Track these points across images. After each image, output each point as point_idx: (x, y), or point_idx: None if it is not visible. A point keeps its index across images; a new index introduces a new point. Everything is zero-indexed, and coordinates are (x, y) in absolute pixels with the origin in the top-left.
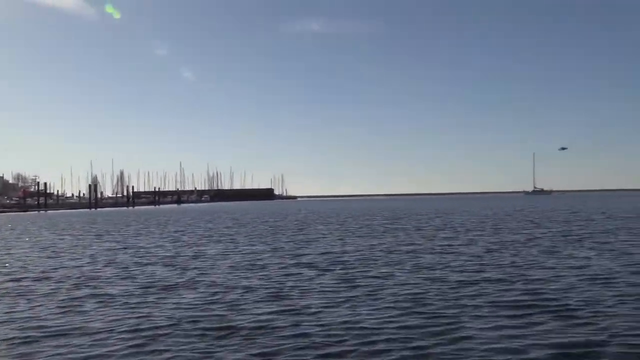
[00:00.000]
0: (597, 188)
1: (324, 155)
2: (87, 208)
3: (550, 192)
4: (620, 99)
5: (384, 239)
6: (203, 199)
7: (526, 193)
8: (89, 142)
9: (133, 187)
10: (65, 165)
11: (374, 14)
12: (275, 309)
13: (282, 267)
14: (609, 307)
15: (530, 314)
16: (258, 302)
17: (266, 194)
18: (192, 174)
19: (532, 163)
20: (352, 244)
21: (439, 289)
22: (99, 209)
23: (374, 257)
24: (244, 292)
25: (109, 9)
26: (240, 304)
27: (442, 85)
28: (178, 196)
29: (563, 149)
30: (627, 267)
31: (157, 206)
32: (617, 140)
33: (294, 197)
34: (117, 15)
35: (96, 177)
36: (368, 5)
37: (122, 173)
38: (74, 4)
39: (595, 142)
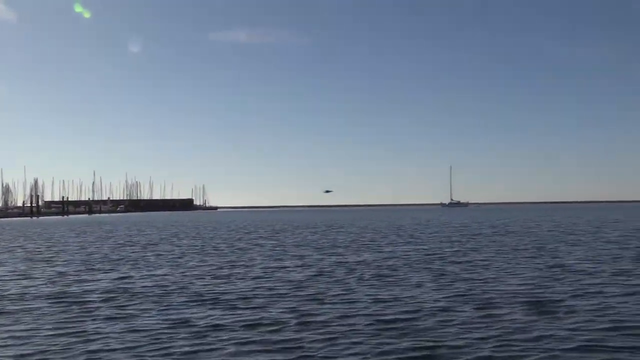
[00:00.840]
0: (519, 201)
1: (249, 166)
2: None
3: (467, 204)
4: (543, 108)
5: (224, 258)
6: (119, 209)
7: (443, 205)
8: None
9: (39, 196)
10: None
11: (301, 25)
12: None
13: (37, 297)
14: None
15: None
16: None
17: (185, 205)
18: (110, 183)
19: (449, 175)
20: (180, 264)
21: (157, 340)
22: None
23: (171, 284)
24: None
25: (77, 8)
26: None
27: (366, 96)
28: (89, 206)
29: (328, 191)
30: (446, 300)
31: (65, 216)
32: (538, 152)
33: (215, 208)
34: (86, 15)
35: (7, 186)
36: (297, 16)
37: (35, 181)
38: None
39: (516, 153)
